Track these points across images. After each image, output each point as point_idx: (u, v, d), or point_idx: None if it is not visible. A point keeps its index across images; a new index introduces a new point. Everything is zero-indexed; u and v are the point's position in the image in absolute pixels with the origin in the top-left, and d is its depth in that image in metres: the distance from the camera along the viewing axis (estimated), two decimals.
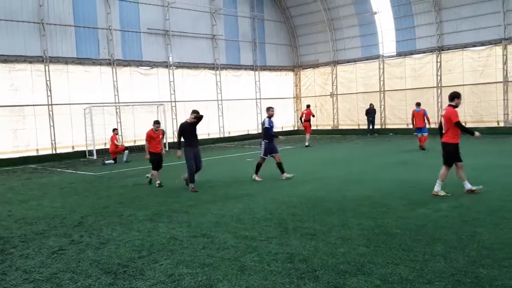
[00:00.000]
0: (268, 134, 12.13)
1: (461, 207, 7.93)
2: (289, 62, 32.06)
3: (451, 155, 8.96)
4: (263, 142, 12.17)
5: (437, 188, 8.93)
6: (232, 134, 27.43)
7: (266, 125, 12.13)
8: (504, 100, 22.89)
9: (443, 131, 9.10)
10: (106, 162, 17.91)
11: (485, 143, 18.75)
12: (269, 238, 6.48)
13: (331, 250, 5.80)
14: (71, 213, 8.86)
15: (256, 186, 11.18)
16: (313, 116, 22.52)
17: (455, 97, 9.05)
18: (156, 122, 12.27)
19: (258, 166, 12.13)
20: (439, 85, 24.95)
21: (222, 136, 26.91)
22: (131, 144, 22.52)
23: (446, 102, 24.28)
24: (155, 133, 11.98)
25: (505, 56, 22.69)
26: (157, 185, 11.67)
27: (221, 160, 17.77)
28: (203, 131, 25.71)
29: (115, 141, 18.78)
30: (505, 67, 22.75)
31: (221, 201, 9.39)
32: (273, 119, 12.45)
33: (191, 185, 10.83)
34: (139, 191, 11.36)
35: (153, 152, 11.96)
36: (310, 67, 31.66)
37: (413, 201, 8.54)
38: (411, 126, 18.44)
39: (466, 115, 24.04)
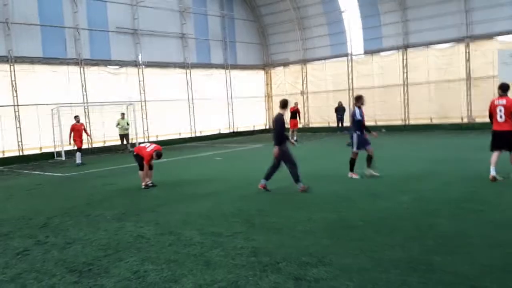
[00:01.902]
0: (359, 125, 10.74)
1: (421, 199, 8.25)
2: (260, 61, 32.24)
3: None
4: (354, 135, 10.76)
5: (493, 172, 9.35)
6: (203, 134, 27.42)
7: (358, 116, 10.72)
8: (467, 96, 23.60)
9: (499, 120, 9.36)
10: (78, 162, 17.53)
11: (451, 137, 19.40)
12: (235, 233, 6.60)
13: (295, 243, 5.97)
14: (38, 214, 8.77)
15: (225, 184, 11.24)
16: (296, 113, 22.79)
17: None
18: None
19: (352, 163, 10.86)
20: (405, 83, 25.53)
21: (193, 135, 26.85)
22: (100, 144, 22.28)
23: (412, 99, 25.19)
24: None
25: (467, 54, 23.39)
26: (144, 186, 11.09)
27: (191, 160, 17.78)
28: (173, 131, 25.70)
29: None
30: (467, 64, 23.46)
31: (189, 200, 9.46)
32: (363, 108, 10.99)
33: (300, 185, 9.58)
34: (108, 191, 11.29)
35: (137, 153, 11.29)
36: (280, 66, 31.91)
37: (376, 194, 8.81)
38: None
39: (431, 112, 24.76)
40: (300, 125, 23.95)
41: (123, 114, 21.70)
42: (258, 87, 32.34)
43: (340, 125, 26.66)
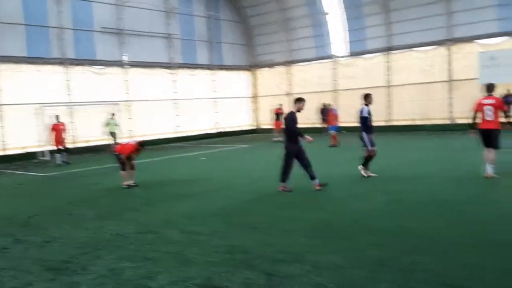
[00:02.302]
0: (366, 124, 10.67)
1: (402, 200, 8.39)
2: (246, 62, 32.36)
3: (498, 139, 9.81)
4: (363, 134, 10.72)
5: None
6: (188, 134, 27.45)
7: (365, 114, 10.65)
8: (449, 98, 23.99)
9: (488, 118, 9.76)
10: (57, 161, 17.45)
11: (433, 138, 19.71)
12: (214, 232, 6.71)
13: (272, 241, 6.09)
14: (19, 213, 8.78)
15: (209, 184, 11.32)
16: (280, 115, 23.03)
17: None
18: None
19: (367, 160, 10.83)
20: (389, 85, 25.86)
21: (178, 136, 26.85)
22: (84, 144, 22.20)
23: (395, 100, 25.51)
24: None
25: (449, 56, 23.78)
26: (125, 186, 11.07)
27: (176, 160, 17.84)
28: (159, 131, 25.69)
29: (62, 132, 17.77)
30: (449, 67, 23.85)
31: (172, 199, 9.53)
32: (371, 107, 10.82)
33: (282, 184, 9.62)
34: (90, 191, 11.33)
35: (119, 153, 11.26)
36: (266, 67, 32.07)
37: (355, 195, 8.99)
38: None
39: (415, 113, 25.10)
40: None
41: (113, 114, 21.62)
42: (244, 87, 32.46)
43: (325, 125, 26.85)
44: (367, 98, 10.84)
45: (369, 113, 10.68)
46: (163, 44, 26.58)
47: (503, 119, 9.98)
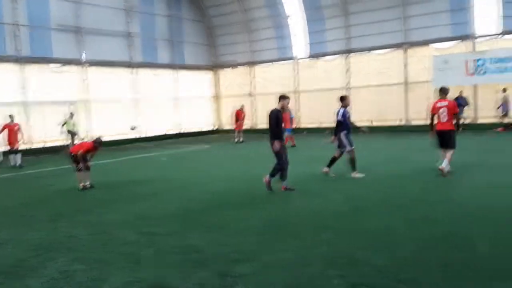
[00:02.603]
0: (344, 125, 10.77)
1: (354, 197, 8.69)
2: (208, 62, 32.26)
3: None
4: (342, 135, 10.81)
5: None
6: (149, 134, 27.13)
7: (339, 117, 10.77)
8: (405, 100, 24.75)
9: (442, 120, 10.31)
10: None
11: (387, 139, 20.28)
12: (170, 233, 6.72)
13: (226, 241, 6.15)
14: None
15: (169, 184, 11.29)
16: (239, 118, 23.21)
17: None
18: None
19: (353, 161, 10.91)
20: (348, 86, 26.40)
21: (139, 136, 26.47)
22: (41, 145, 21.61)
23: (353, 102, 25.89)
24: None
25: (405, 59, 24.53)
26: (81, 187, 10.81)
27: (136, 160, 17.65)
28: (119, 131, 25.26)
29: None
30: (405, 69, 24.61)
31: (129, 200, 9.45)
32: (348, 109, 10.96)
33: (269, 181, 9.54)
34: (45, 192, 11.08)
35: (74, 153, 10.92)
36: (229, 67, 32.10)
37: (310, 193, 9.18)
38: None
39: (372, 115, 25.73)
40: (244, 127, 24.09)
41: (71, 114, 21.09)
42: (206, 88, 32.36)
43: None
44: (343, 100, 10.96)
45: (343, 115, 10.74)
46: (123, 43, 26.17)
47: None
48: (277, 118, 9.37)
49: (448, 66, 22.64)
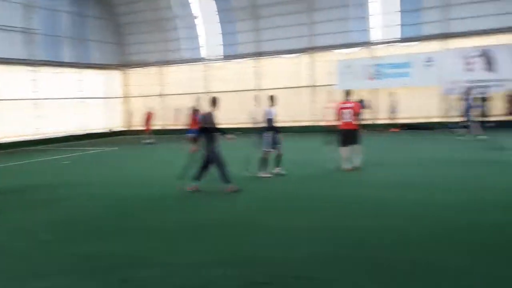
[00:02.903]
0: (270, 125, 11.14)
1: (258, 198, 8.90)
2: (116, 61, 31.16)
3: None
4: (265, 135, 11.16)
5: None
6: (52, 136, 25.58)
7: (271, 116, 11.14)
8: (313, 102, 25.79)
9: (348, 120, 11.20)
10: None
11: (295, 140, 20.96)
12: (68, 240, 6.44)
13: (130, 247, 6.00)
14: None
15: (70, 189, 10.72)
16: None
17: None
18: None
19: (264, 162, 11.09)
20: (258, 88, 26.90)
21: (40, 138, 24.85)
22: None
23: (266, 103, 26.56)
24: None
25: (312, 63, 25.57)
26: None
27: (35, 164, 16.57)
28: (16, 133, 23.56)
29: None
30: (312, 73, 25.64)
31: (25, 207, 8.88)
32: (273, 108, 11.32)
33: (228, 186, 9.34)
34: None
35: None
36: (138, 67, 31.26)
37: (218, 195, 9.21)
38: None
39: (284, 116, 26.42)
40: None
41: None
42: (114, 87, 31.25)
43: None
44: (272, 99, 11.44)
45: (273, 114, 11.19)
46: (22, 39, 24.42)
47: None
48: (213, 119, 9.54)
49: (351, 70, 23.99)
